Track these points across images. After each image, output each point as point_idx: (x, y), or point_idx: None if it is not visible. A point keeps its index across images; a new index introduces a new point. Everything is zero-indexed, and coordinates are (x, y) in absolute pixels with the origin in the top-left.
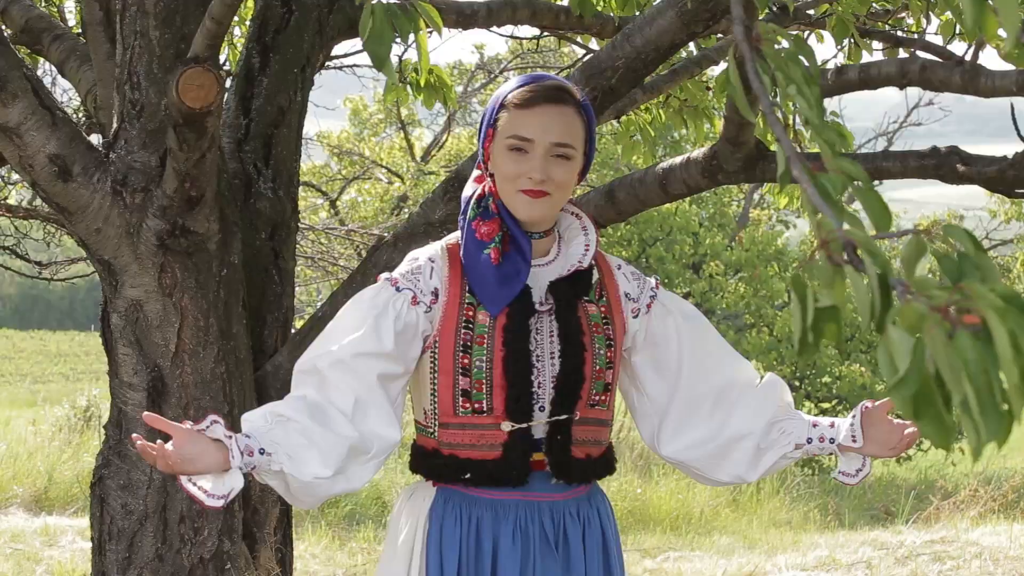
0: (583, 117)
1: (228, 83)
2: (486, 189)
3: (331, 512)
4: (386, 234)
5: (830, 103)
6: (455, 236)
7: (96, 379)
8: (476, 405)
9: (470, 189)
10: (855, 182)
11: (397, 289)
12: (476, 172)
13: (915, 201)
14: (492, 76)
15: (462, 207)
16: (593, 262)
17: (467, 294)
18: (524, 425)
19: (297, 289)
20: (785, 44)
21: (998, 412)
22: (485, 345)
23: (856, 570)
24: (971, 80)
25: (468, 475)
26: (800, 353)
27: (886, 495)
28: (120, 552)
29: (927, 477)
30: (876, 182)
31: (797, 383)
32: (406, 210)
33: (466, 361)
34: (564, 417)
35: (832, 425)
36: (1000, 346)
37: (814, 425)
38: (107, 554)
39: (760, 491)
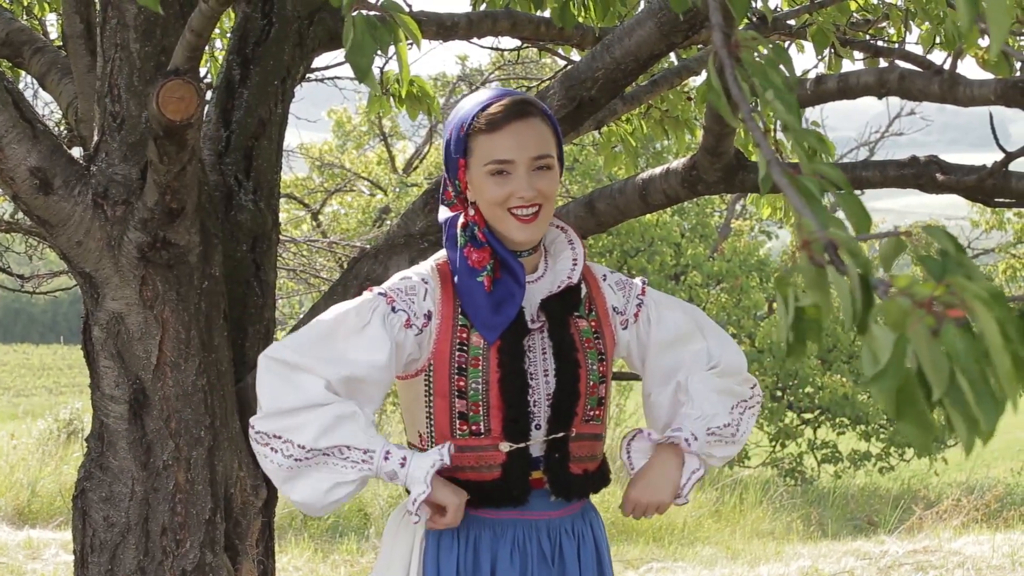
0: (548, 123)
1: (208, 95)
2: (469, 219)
3: (314, 525)
4: (367, 246)
5: (812, 113)
6: (443, 255)
7: (79, 392)
8: (473, 427)
9: (447, 213)
10: (836, 188)
11: (392, 309)
12: (445, 202)
13: (897, 211)
14: (474, 87)
15: (445, 231)
16: (581, 276)
17: (460, 315)
18: (522, 445)
19: (279, 301)
20: (764, 52)
21: (994, 399)
22: (480, 367)
23: None
24: (950, 89)
25: (468, 497)
26: (789, 354)
27: (869, 505)
28: (102, 565)
29: (910, 487)
30: (858, 192)
31: (779, 393)
32: (388, 222)
33: (462, 383)
34: (561, 435)
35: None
36: (989, 335)
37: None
38: (89, 567)
39: (743, 501)
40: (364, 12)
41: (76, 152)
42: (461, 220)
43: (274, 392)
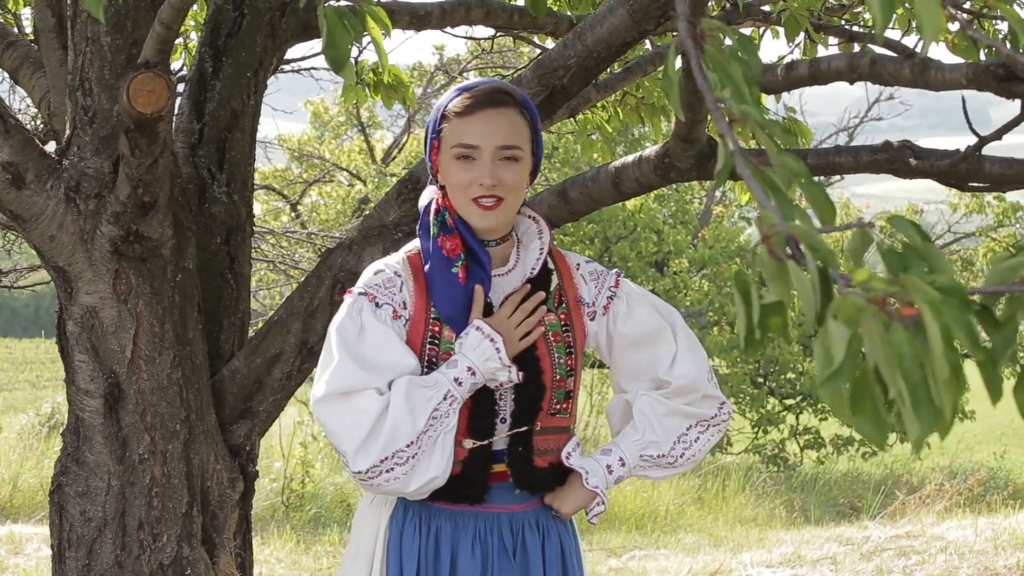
0: (526, 116)
1: (180, 88)
2: (439, 202)
3: (296, 516)
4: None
5: (789, 98)
6: (414, 245)
7: (62, 386)
8: None
9: (426, 198)
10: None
11: (377, 304)
12: (430, 186)
13: (878, 196)
14: (452, 77)
15: (420, 217)
16: (553, 267)
17: (432, 308)
18: (485, 443)
19: (260, 293)
20: (729, 42)
21: (932, 406)
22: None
23: (821, 566)
24: (921, 74)
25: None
26: (746, 349)
27: (852, 490)
28: (80, 560)
29: (893, 472)
30: (838, 177)
31: (761, 380)
32: (368, 212)
33: None
34: (525, 429)
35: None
36: (932, 340)
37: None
38: (67, 562)
39: (725, 488)
40: (334, 3)
41: (52, 146)
42: (433, 207)
43: (346, 430)
